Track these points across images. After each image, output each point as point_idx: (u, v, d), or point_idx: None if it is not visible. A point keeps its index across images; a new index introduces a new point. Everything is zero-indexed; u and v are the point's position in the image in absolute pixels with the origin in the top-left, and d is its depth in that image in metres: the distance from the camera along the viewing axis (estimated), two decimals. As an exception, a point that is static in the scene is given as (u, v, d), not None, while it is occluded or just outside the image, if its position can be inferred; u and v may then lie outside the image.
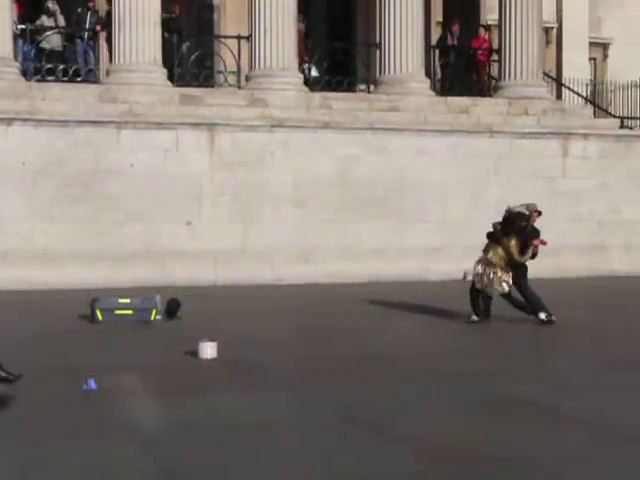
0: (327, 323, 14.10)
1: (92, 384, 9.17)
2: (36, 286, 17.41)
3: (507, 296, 14.05)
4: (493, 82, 23.44)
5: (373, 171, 20.40)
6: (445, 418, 8.30)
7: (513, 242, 13.87)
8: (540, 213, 14.44)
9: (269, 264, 19.57)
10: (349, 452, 7.19)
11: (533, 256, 14.10)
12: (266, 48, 20.34)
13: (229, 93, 20.74)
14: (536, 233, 14.25)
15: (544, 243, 14.17)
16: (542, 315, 13.90)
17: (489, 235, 14.24)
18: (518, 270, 14.02)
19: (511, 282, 13.91)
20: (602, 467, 6.88)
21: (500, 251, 13.91)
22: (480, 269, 13.98)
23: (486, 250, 14.09)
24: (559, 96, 25.82)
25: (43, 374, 10.12)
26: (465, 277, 20.04)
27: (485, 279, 13.91)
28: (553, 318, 13.85)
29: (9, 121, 18.46)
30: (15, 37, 19.73)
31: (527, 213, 14.20)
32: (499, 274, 13.84)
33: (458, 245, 20.16)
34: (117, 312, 13.92)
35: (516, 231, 13.94)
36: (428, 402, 8.91)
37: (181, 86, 20.31)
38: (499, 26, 22.79)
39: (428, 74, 22.24)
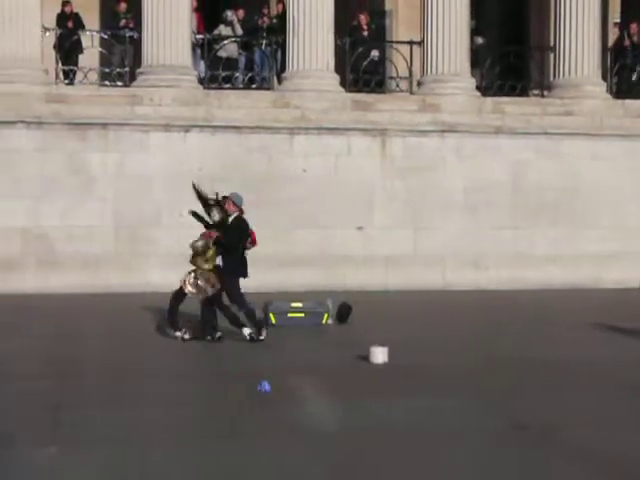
0: (499, 329, 13.95)
1: (266, 386, 9.35)
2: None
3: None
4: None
5: (546, 176, 20.08)
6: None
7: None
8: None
9: (440, 269, 19.53)
10: (519, 463, 7.11)
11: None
12: (438, 53, 20.29)
13: (400, 98, 20.76)
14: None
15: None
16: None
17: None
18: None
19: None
20: None
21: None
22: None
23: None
24: None
25: (219, 375, 10.39)
26: (642, 285, 19.52)
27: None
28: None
29: (187, 128, 19.05)
30: (194, 47, 20.29)
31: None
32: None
33: (634, 252, 19.66)
34: (290, 315, 14.18)
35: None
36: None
37: (353, 92, 20.47)
38: (682, 26, 22.06)
39: (604, 77, 21.71)
